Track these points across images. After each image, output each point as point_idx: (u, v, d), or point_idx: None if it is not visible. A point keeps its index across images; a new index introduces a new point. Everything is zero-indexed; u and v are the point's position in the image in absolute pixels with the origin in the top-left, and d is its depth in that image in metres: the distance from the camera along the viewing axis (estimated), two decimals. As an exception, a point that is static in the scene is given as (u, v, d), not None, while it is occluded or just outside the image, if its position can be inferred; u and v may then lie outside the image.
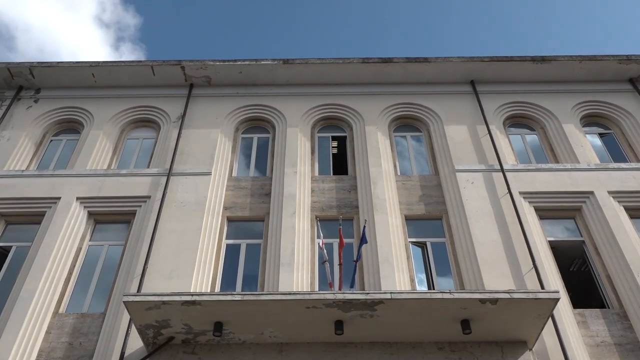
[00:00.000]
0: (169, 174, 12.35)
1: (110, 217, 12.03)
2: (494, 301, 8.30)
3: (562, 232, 11.72)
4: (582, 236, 11.59)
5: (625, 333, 9.73)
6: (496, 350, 9.01)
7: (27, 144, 13.72)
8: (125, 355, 9.25)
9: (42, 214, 11.83)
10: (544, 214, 11.88)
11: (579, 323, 9.87)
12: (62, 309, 10.32)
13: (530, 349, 9.17)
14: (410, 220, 11.98)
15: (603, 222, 11.30)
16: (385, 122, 14.26)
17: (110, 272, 11.01)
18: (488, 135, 13.49)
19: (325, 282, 10.80)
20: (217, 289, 10.73)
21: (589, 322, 9.90)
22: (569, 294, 10.65)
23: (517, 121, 14.65)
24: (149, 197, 12.02)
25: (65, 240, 11.15)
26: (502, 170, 12.32)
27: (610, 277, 10.64)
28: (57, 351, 9.55)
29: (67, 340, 9.71)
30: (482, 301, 8.30)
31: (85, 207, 11.95)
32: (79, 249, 11.35)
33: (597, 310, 10.13)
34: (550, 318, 9.47)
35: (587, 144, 13.42)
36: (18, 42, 45.10)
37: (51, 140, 14.33)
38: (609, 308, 10.32)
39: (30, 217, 11.93)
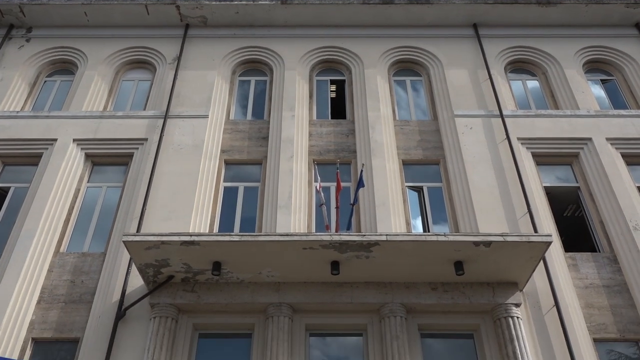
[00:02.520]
0: (166, 116, 12.24)
1: (108, 159, 12.02)
2: (488, 244, 8.46)
3: (558, 178, 11.79)
4: (577, 182, 11.68)
5: (614, 276, 9.99)
6: (488, 291, 9.26)
7: (20, 85, 13.50)
8: (127, 293, 9.50)
9: (39, 156, 11.81)
10: (541, 160, 11.92)
11: (569, 266, 10.10)
12: (62, 249, 10.49)
13: (521, 290, 9.44)
14: (407, 165, 12.02)
15: (599, 168, 11.36)
16: (385, 66, 14.02)
17: (109, 213, 11.12)
18: (489, 80, 13.33)
19: (322, 224, 10.95)
20: (216, 230, 10.88)
21: (580, 265, 10.13)
22: (561, 238, 10.85)
23: (519, 66, 14.43)
24: (145, 139, 11.97)
25: (63, 181, 11.19)
26: (501, 115, 12.25)
27: (603, 222, 10.81)
28: (59, 288, 9.78)
29: (69, 278, 9.93)
30: (476, 244, 8.45)
31: (82, 148, 11.92)
32: (77, 190, 11.41)
33: (588, 254, 10.35)
34: (541, 261, 9.70)
35: (588, 90, 13.28)
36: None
37: (45, 81, 14.10)
38: (599, 252, 10.54)
39: (27, 158, 11.91)
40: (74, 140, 11.89)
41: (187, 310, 9.32)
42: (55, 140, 11.85)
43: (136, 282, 9.62)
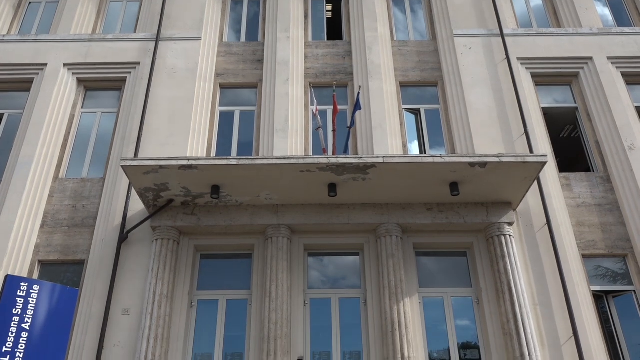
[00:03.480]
0: (157, 39, 11.90)
1: (100, 84, 11.81)
2: (483, 165, 8.53)
3: (556, 98, 11.69)
4: (576, 103, 11.60)
5: (606, 195, 10.18)
6: (481, 211, 9.47)
7: (4, 7, 13.00)
8: (128, 216, 9.68)
9: (30, 81, 11.60)
10: (540, 80, 11.76)
11: (563, 186, 10.26)
12: (61, 174, 10.56)
13: (514, 210, 9.65)
14: (405, 86, 11.86)
15: (599, 88, 11.25)
16: (383, -17, 13.45)
17: (105, 139, 11.10)
18: (490, -3, 12.86)
19: (319, 148, 10.98)
20: (213, 154, 10.91)
21: (573, 185, 10.29)
22: (556, 159, 10.94)
23: (522, -18, 13.87)
24: (138, 63, 11.71)
25: (57, 107, 11.06)
26: (501, 35, 11.94)
27: (599, 142, 10.85)
28: (61, 213, 9.96)
29: (70, 203, 10.08)
30: (472, 165, 8.52)
31: (73, 73, 11.68)
32: (72, 117, 11.30)
33: (582, 174, 10.48)
34: (536, 181, 9.84)
35: (592, 6, 12.85)
36: None
37: (30, 3, 13.55)
38: (593, 172, 10.67)
39: (18, 84, 11.70)
40: (65, 64, 11.63)
41: (188, 232, 9.55)
42: (46, 65, 11.59)
43: (137, 206, 9.78)
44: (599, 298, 9.46)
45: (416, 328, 8.86)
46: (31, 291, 5.58)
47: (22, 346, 5.36)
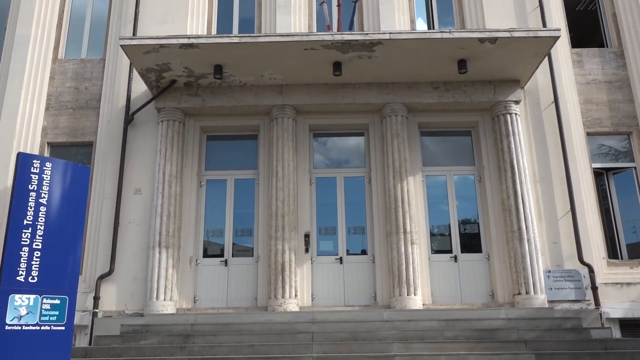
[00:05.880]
0: None
1: (90, -43, 11.11)
2: (494, 40, 8.24)
3: (576, -32, 10.97)
4: (596, -28, 10.91)
5: (618, 71, 9.93)
6: (489, 89, 9.33)
7: None
8: (132, 98, 9.62)
9: (16, -46, 10.90)
10: (560, -53, 10.93)
11: (574, 62, 9.98)
12: (60, 55, 10.32)
13: (522, 87, 9.50)
14: (414, -44, 11.07)
15: (623, -46, 10.50)
16: None
17: (101, 17, 10.67)
18: None
19: (323, 24, 10.56)
20: (214, 32, 10.54)
21: (585, 61, 10.01)
22: (570, 34, 10.51)
23: None
24: None
25: (47, -17, 10.51)
26: None
27: (616, 15, 10.36)
28: (65, 95, 9.89)
29: (72, 85, 9.97)
30: (482, 40, 8.23)
31: (60, -55, 10.92)
32: (64, -7, 10.79)
33: (595, 49, 10.14)
34: (546, 58, 9.57)
35: None
36: None
37: None
38: (607, 47, 10.32)
39: (4, -43, 11.02)
40: None
41: (193, 114, 9.55)
42: None
43: (139, 87, 9.67)
44: (599, 175, 9.64)
45: (418, 205, 9.16)
46: (44, 168, 5.71)
47: (41, 219, 5.61)
